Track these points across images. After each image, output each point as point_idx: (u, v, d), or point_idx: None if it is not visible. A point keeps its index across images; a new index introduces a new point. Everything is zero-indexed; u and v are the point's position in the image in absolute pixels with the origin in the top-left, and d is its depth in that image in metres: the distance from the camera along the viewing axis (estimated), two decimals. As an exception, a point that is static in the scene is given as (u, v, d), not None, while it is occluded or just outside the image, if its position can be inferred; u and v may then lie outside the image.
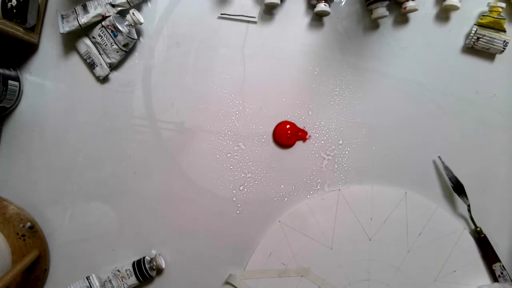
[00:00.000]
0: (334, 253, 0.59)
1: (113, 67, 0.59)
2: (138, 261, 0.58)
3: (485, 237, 0.59)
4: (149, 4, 0.60)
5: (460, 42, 0.60)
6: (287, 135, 0.59)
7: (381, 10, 0.57)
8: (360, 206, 0.59)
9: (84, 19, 0.55)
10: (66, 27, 0.55)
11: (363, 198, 0.60)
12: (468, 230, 0.60)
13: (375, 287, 0.59)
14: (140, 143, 0.60)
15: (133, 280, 0.57)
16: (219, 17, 0.60)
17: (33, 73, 0.60)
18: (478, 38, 0.57)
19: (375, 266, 0.59)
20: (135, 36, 0.57)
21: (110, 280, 0.57)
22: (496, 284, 0.58)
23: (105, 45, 0.56)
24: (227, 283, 0.59)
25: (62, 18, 0.57)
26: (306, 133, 0.60)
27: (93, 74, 0.59)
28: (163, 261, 0.59)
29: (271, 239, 0.59)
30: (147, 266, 0.57)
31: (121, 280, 0.57)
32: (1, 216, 0.58)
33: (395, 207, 0.59)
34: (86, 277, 0.57)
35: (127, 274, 0.57)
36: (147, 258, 0.58)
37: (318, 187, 0.60)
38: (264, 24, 0.60)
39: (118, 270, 0.58)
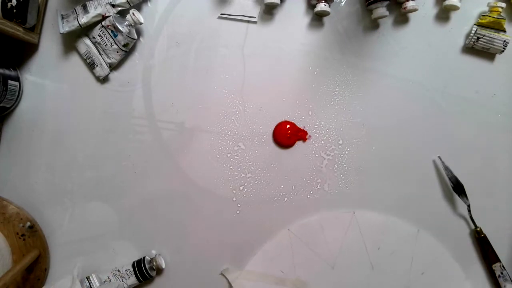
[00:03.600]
0: (335, 273, 0.59)
1: (113, 67, 0.59)
2: (138, 261, 0.58)
3: (485, 237, 0.59)
4: (149, 4, 0.60)
5: (460, 42, 0.60)
6: (287, 135, 0.59)
7: (381, 10, 0.57)
8: (370, 233, 0.59)
9: (84, 19, 0.55)
10: (66, 27, 0.55)
11: (375, 225, 0.59)
12: (469, 281, 0.60)
13: None
14: (140, 143, 0.60)
15: (133, 280, 0.57)
16: (219, 17, 0.60)
17: (33, 73, 0.60)
18: (478, 38, 0.57)
19: None
20: (135, 36, 0.57)
21: (110, 280, 0.57)
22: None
23: (105, 45, 0.56)
24: (221, 274, 0.59)
25: (62, 18, 0.57)
26: (306, 133, 0.60)
27: (93, 74, 0.59)
28: (163, 261, 0.59)
29: (275, 245, 0.59)
30: (147, 266, 0.57)
31: (121, 280, 0.57)
32: (1, 215, 0.58)
33: (404, 242, 0.59)
34: (86, 277, 0.57)
35: (127, 274, 0.57)
36: (147, 258, 0.58)
37: (318, 187, 0.60)
38: (264, 24, 0.60)
39: (118, 270, 0.58)
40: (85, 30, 0.57)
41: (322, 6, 0.56)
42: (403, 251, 0.59)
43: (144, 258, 0.58)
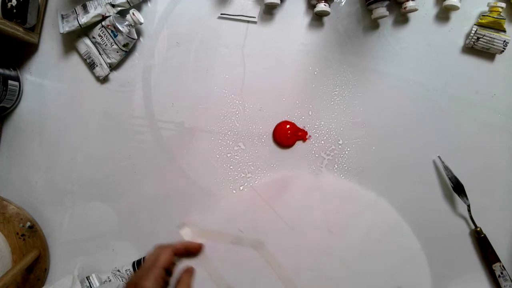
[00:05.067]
0: (294, 235, 0.58)
1: (113, 67, 0.59)
2: (138, 261, 0.58)
3: (485, 237, 0.59)
4: (149, 4, 0.60)
5: (460, 42, 0.60)
6: (287, 135, 0.59)
7: (381, 10, 0.57)
8: (332, 198, 0.59)
9: (84, 19, 0.55)
10: (66, 27, 0.55)
11: (338, 191, 0.59)
12: (423, 250, 0.60)
13: (319, 278, 0.58)
14: (140, 143, 0.60)
15: None
16: (219, 17, 0.60)
17: (33, 73, 0.60)
18: (478, 38, 0.57)
19: (326, 259, 0.59)
20: (135, 36, 0.57)
21: (110, 280, 0.57)
22: None
23: (105, 45, 0.56)
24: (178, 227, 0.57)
25: (62, 18, 0.57)
26: (306, 133, 0.60)
27: (93, 74, 0.59)
28: None
29: (237, 201, 0.58)
30: None
31: (121, 280, 0.57)
32: (1, 215, 0.58)
33: (363, 209, 0.59)
34: (86, 277, 0.57)
35: (127, 274, 0.57)
36: (147, 257, 0.58)
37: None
38: (264, 24, 0.60)
39: (118, 270, 0.58)
40: (85, 30, 0.57)
41: (322, 6, 0.56)
42: (361, 218, 0.59)
43: (143, 258, 0.58)
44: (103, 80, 0.60)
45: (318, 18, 0.60)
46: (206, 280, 0.55)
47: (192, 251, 0.50)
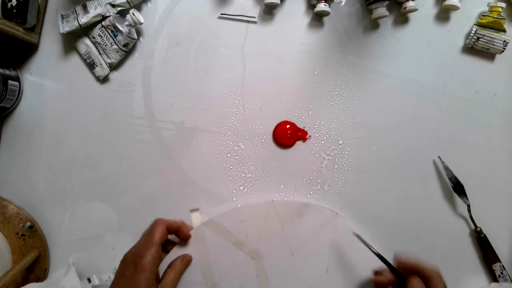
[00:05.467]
0: (293, 259, 0.57)
1: (113, 67, 0.59)
2: None
3: (485, 237, 0.59)
4: (149, 4, 0.60)
5: (460, 42, 0.60)
6: (287, 135, 0.59)
7: (381, 10, 0.57)
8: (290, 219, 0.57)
9: (84, 19, 0.55)
10: (66, 27, 0.55)
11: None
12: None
13: None
14: (140, 143, 0.60)
15: None
16: (219, 17, 0.60)
17: (33, 73, 0.60)
18: (478, 38, 0.57)
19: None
20: (135, 36, 0.57)
21: (111, 279, 0.57)
22: (493, 284, 0.58)
23: (105, 45, 0.56)
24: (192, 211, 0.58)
25: (62, 18, 0.57)
26: (306, 133, 0.60)
27: (93, 74, 0.59)
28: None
29: (252, 210, 0.58)
30: None
31: None
32: (1, 215, 0.58)
33: (323, 226, 0.58)
34: (87, 278, 0.57)
35: None
36: None
37: (318, 187, 0.60)
38: (264, 24, 0.60)
39: None
40: (85, 30, 0.57)
41: (322, 6, 0.56)
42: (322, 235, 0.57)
43: None
44: (103, 80, 0.60)
45: (318, 18, 0.60)
46: (195, 267, 0.54)
47: (181, 233, 0.52)
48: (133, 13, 0.55)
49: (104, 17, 0.55)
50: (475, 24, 0.58)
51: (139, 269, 0.43)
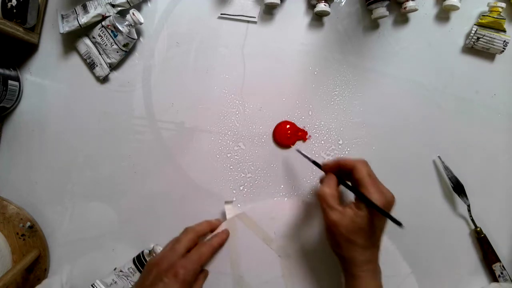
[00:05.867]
0: (321, 262, 0.56)
1: (113, 67, 0.59)
2: (138, 256, 0.58)
3: (485, 237, 0.59)
4: (149, 4, 0.60)
5: (460, 42, 0.60)
6: (287, 135, 0.59)
7: (381, 10, 0.57)
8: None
9: (84, 19, 0.55)
10: (66, 27, 0.55)
11: None
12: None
13: None
14: (140, 143, 0.60)
15: (138, 276, 0.57)
16: (219, 17, 0.60)
17: (33, 73, 0.60)
18: (478, 38, 0.57)
19: None
20: (135, 36, 0.57)
21: (115, 282, 0.57)
22: (493, 284, 0.58)
23: (105, 45, 0.56)
24: (226, 202, 0.59)
25: (62, 18, 0.57)
26: (306, 133, 0.60)
27: (93, 74, 0.59)
28: (161, 249, 0.58)
29: (283, 206, 0.58)
30: (147, 258, 0.57)
31: (126, 279, 0.57)
32: (1, 215, 0.58)
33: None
34: (91, 285, 0.57)
35: (131, 272, 0.57)
36: (146, 251, 0.58)
37: (318, 187, 0.60)
38: (264, 24, 0.60)
39: (121, 271, 0.57)
40: (85, 30, 0.57)
41: (322, 6, 0.56)
42: None
43: (142, 252, 0.58)
44: (103, 80, 0.60)
45: (318, 18, 0.60)
46: (224, 259, 0.56)
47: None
48: (133, 13, 0.55)
49: (104, 17, 0.55)
50: (475, 24, 0.58)
51: (179, 279, 0.46)
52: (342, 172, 0.49)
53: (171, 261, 0.48)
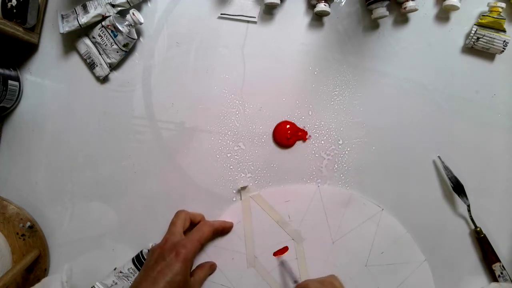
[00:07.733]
0: (334, 248, 0.58)
1: (113, 67, 0.59)
2: (137, 256, 0.58)
3: (485, 237, 0.59)
4: (149, 4, 0.60)
5: (460, 42, 0.60)
6: (287, 135, 0.59)
7: (381, 10, 0.57)
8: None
9: (84, 19, 0.55)
10: (66, 27, 0.55)
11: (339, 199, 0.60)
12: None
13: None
14: (140, 143, 0.60)
15: None
16: (219, 17, 0.60)
17: (33, 73, 0.60)
18: (478, 38, 0.57)
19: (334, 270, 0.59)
20: (135, 36, 0.57)
21: (116, 283, 0.57)
22: (493, 284, 0.58)
23: (105, 45, 0.56)
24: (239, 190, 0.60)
25: (62, 18, 0.57)
26: (306, 133, 0.60)
27: (93, 74, 0.59)
28: None
29: (298, 190, 0.59)
30: (146, 258, 0.57)
31: (126, 280, 0.57)
32: (1, 215, 0.58)
33: (367, 220, 0.59)
34: (91, 287, 0.57)
35: (131, 272, 0.57)
36: (145, 250, 0.58)
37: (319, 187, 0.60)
38: (264, 24, 0.60)
39: (121, 272, 0.57)
40: (85, 30, 0.57)
41: (322, 6, 0.56)
42: (365, 229, 0.59)
43: (141, 251, 0.58)
44: (103, 80, 0.60)
45: (318, 18, 0.60)
46: (238, 238, 0.58)
47: (225, 231, 0.59)
48: (133, 13, 0.55)
49: (104, 17, 0.55)
50: (475, 24, 0.58)
51: (181, 257, 0.48)
52: None
53: (172, 241, 0.51)
